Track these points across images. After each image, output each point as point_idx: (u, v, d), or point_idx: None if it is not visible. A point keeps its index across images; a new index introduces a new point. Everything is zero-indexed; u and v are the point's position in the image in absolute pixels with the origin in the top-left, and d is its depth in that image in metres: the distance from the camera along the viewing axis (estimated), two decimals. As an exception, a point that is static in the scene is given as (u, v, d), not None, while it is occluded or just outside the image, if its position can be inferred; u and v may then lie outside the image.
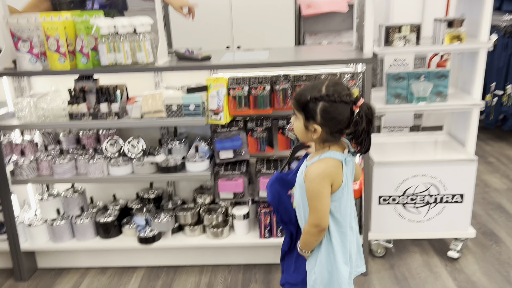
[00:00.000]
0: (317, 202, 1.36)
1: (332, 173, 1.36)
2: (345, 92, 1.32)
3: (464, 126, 2.32)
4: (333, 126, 1.33)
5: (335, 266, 1.44)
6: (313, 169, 1.36)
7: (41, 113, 2.08)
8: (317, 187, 1.35)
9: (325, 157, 1.36)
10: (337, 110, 1.31)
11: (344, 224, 1.44)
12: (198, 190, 2.44)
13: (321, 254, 1.45)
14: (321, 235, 1.42)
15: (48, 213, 2.31)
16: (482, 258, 2.34)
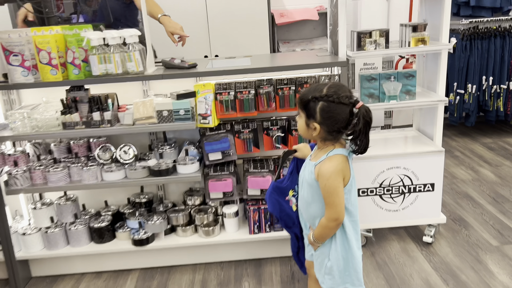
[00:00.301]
0: (334, 198, 1.48)
1: (343, 169, 1.48)
2: (345, 94, 1.43)
3: (431, 121, 2.54)
4: (331, 125, 1.45)
5: (350, 253, 1.58)
6: (326, 167, 1.47)
7: (35, 123, 2.15)
8: (333, 184, 1.46)
9: (333, 155, 1.48)
10: (335, 110, 1.43)
11: (355, 213, 1.57)
12: (187, 192, 2.55)
13: (336, 243, 1.58)
14: (338, 228, 1.55)
15: (42, 221, 2.37)
16: (453, 241, 2.55)
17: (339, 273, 1.61)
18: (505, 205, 2.94)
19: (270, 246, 2.46)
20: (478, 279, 2.20)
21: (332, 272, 1.62)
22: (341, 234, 1.58)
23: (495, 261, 2.34)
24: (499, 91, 4.07)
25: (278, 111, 2.26)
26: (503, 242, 2.51)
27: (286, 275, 2.34)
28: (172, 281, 2.36)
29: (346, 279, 1.62)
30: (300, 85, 2.21)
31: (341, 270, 1.61)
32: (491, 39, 3.96)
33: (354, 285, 1.62)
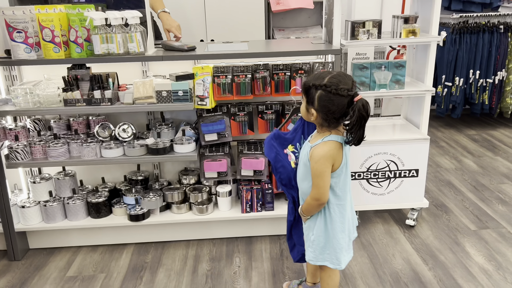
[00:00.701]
0: (319, 180, 1.59)
1: (334, 155, 1.58)
2: (344, 86, 1.48)
3: (418, 110, 2.65)
4: (327, 114, 1.53)
5: (332, 233, 1.70)
6: (318, 151, 1.58)
7: (36, 99, 2.21)
8: (320, 167, 1.57)
9: (328, 140, 1.58)
10: (332, 101, 1.49)
11: (343, 198, 1.68)
12: (183, 172, 2.64)
13: (320, 221, 1.70)
14: (320, 207, 1.67)
15: (40, 195, 2.44)
16: (435, 225, 2.69)
17: (319, 249, 1.74)
18: (484, 193, 3.09)
19: (261, 225, 2.57)
20: (456, 260, 2.34)
21: (313, 246, 1.75)
22: (327, 214, 1.69)
23: (472, 244, 2.48)
24: (485, 85, 4.21)
25: (273, 95, 2.35)
26: (481, 227, 2.66)
27: (275, 252, 2.46)
28: (166, 255, 2.46)
29: (325, 256, 1.74)
30: (295, 71, 2.30)
31: (321, 247, 1.73)
32: (480, 34, 4.08)
33: (333, 263, 1.75)
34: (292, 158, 1.79)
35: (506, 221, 2.71)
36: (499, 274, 2.22)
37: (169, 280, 2.25)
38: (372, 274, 2.25)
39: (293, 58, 2.41)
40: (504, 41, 4.10)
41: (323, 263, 1.76)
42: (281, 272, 2.28)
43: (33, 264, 2.42)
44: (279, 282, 2.20)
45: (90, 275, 2.30)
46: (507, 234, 2.57)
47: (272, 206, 2.49)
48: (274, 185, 2.52)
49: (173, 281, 2.24)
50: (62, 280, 2.27)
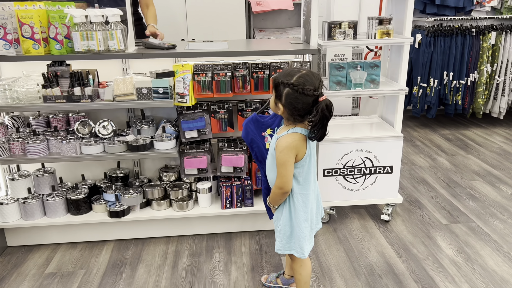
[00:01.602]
0: (282, 169, 1.67)
1: (297, 146, 1.65)
2: (310, 87, 1.56)
3: (393, 109, 2.75)
4: (292, 110, 1.61)
5: (295, 222, 1.77)
6: (282, 142, 1.66)
7: (15, 96, 2.21)
8: (284, 157, 1.65)
9: (293, 132, 1.66)
10: (298, 99, 1.58)
11: (306, 187, 1.75)
12: (163, 169, 2.67)
13: (286, 211, 1.78)
14: (284, 196, 1.74)
15: (19, 192, 2.43)
16: (408, 220, 2.79)
17: (286, 238, 1.82)
18: (456, 189, 3.21)
19: (241, 221, 2.62)
20: (427, 252, 2.44)
21: (280, 235, 1.83)
22: (290, 203, 1.77)
23: (444, 237, 2.59)
24: (458, 86, 4.36)
25: (252, 93, 2.40)
26: (452, 221, 2.77)
27: (255, 247, 2.51)
28: (146, 251, 2.48)
29: (292, 245, 1.82)
30: (274, 69, 2.35)
31: (287, 236, 1.81)
32: (453, 37, 4.23)
33: (297, 252, 1.82)
34: (268, 140, 1.88)
35: (476, 216, 2.82)
36: (468, 265, 2.32)
37: (149, 275, 2.27)
38: (348, 267, 2.32)
39: (272, 57, 2.47)
40: (476, 44, 4.26)
41: (290, 252, 1.83)
42: (260, 266, 2.33)
43: (11, 261, 2.40)
44: (258, 276, 2.25)
45: (70, 272, 2.31)
46: (477, 228, 2.68)
47: (251, 202, 2.54)
48: (254, 182, 2.57)
49: (153, 276, 2.26)
50: (41, 276, 2.27)
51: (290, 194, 1.75)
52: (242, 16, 4.17)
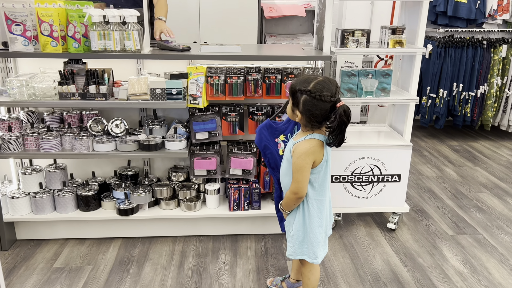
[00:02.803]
0: (298, 174, 1.67)
1: (315, 152, 1.66)
2: (327, 93, 1.57)
3: (402, 118, 2.76)
4: (309, 117, 1.62)
5: (309, 228, 1.78)
6: (300, 147, 1.66)
7: (32, 91, 2.25)
8: (301, 163, 1.66)
9: (310, 138, 1.67)
10: (316, 106, 1.59)
11: (322, 193, 1.76)
12: (172, 169, 2.70)
13: (299, 216, 1.78)
14: (298, 202, 1.75)
15: (31, 186, 2.47)
16: (414, 229, 2.80)
17: (298, 244, 1.82)
18: (463, 200, 3.21)
19: (247, 223, 2.64)
20: (433, 262, 2.44)
21: (292, 240, 1.83)
22: (305, 209, 1.77)
23: (449, 248, 2.59)
24: (468, 98, 4.36)
25: (264, 97, 2.43)
26: (458, 232, 2.77)
27: (260, 250, 2.52)
28: (152, 250, 2.51)
29: (304, 250, 1.82)
30: (286, 75, 2.38)
31: (300, 241, 1.81)
32: (464, 49, 4.24)
33: (310, 257, 1.83)
34: (281, 147, 1.89)
35: (482, 228, 2.82)
36: (473, 277, 2.32)
37: (155, 273, 2.30)
38: (353, 274, 2.33)
39: (284, 62, 2.50)
40: (487, 57, 4.27)
41: (302, 257, 1.83)
42: (265, 269, 2.34)
43: (20, 254, 2.44)
44: (263, 279, 2.26)
45: (77, 267, 2.33)
46: (483, 240, 2.68)
47: (259, 205, 2.56)
48: (262, 185, 2.59)
49: (159, 275, 2.28)
50: (49, 270, 2.30)
51: (305, 200, 1.75)
52: (255, 20, 4.20)
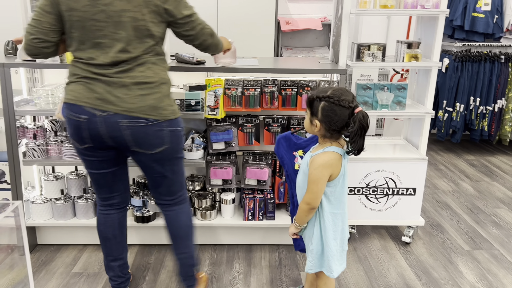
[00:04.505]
0: (314, 186, 1.68)
1: (333, 165, 1.67)
2: (346, 98, 1.60)
3: (418, 132, 2.77)
4: (329, 124, 1.63)
5: (324, 241, 1.78)
6: (318, 159, 1.67)
7: (57, 101, 2.34)
8: (318, 174, 1.66)
9: (328, 150, 1.67)
10: (334, 111, 1.60)
11: (337, 206, 1.76)
12: (188, 178, 2.75)
13: (317, 230, 1.79)
14: (311, 213, 1.75)
15: (52, 193, 2.54)
16: (430, 243, 2.78)
17: (317, 257, 1.81)
18: (479, 215, 3.18)
19: (261, 234, 2.66)
20: (448, 277, 2.42)
21: (312, 255, 1.82)
22: (321, 222, 1.77)
23: (465, 263, 2.57)
24: (485, 112, 4.33)
25: (280, 109, 2.47)
26: (474, 247, 2.74)
27: (274, 260, 2.54)
28: (168, 258, 2.55)
29: (322, 263, 1.81)
30: (302, 87, 2.42)
31: (319, 255, 1.81)
32: (481, 63, 4.22)
33: (326, 271, 1.82)
34: (298, 161, 1.90)
35: (499, 244, 2.79)
36: (489, 292, 2.30)
37: (171, 281, 2.33)
38: (367, 287, 2.33)
39: (300, 75, 2.54)
40: (504, 71, 4.24)
41: (320, 269, 1.83)
42: (279, 280, 2.36)
43: (40, 259, 2.51)
44: (277, 289, 2.28)
45: (95, 272, 2.39)
46: (500, 256, 2.65)
47: (273, 215, 2.58)
48: (276, 196, 2.62)
49: (174, 282, 2.32)
50: (68, 275, 2.36)
51: (321, 213, 1.75)
52: (272, 34, 4.27)
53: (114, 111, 1.69)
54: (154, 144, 1.77)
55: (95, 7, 1.63)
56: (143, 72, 1.71)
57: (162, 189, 1.94)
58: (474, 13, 4.30)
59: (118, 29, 1.65)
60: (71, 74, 1.75)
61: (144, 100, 1.71)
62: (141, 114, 1.70)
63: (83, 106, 1.69)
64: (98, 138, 1.74)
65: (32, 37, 1.66)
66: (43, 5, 1.66)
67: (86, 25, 1.65)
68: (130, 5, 1.64)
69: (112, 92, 1.68)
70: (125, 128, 1.71)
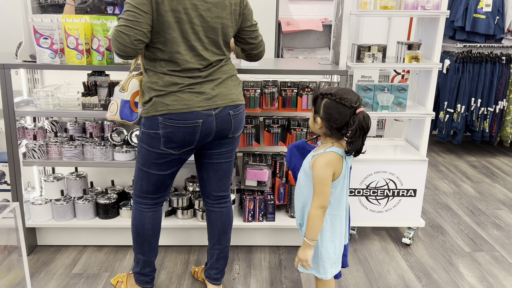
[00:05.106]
0: (323, 187, 1.66)
1: (334, 165, 1.66)
2: (348, 97, 1.60)
3: (419, 133, 2.76)
4: (330, 122, 1.63)
5: (320, 243, 1.76)
6: (320, 159, 1.67)
7: (57, 102, 2.34)
8: (323, 174, 1.65)
9: (330, 151, 1.67)
10: (336, 109, 1.60)
11: (336, 208, 1.75)
12: (189, 179, 2.75)
13: None
14: (324, 215, 1.71)
15: (52, 193, 2.54)
16: (430, 245, 2.77)
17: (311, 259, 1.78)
18: (480, 217, 3.17)
19: (262, 235, 2.66)
20: (449, 279, 2.42)
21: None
22: None
23: (466, 265, 2.56)
24: (486, 113, 4.32)
25: (280, 110, 2.47)
26: (475, 249, 2.73)
27: (274, 262, 2.54)
28: (168, 259, 2.55)
29: (314, 266, 1.79)
30: (302, 88, 2.42)
31: (315, 257, 1.78)
32: (482, 64, 4.22)
33: (319, 273, 1.81)
34: None
35: (500, 245, 2.78)
36: (490, 294, 2.29)
37: (170, 282, 2.33)
38: (367, 288, 2.32)
39: (300, 76, 2.54)
40: (506, 72, 4.24)
41: (311, 272, 1.82)
42: (279, 281, 2.36)
43: (40, 259, 2.51)
44: (277, 290, 2.28)
45: (95, 273, 2.39)
46: (500, 257, 2.64)
47: (273, 217, 2.58)
48: (277, 197, 2.61)
49: (174, 283, 2.32)
50: (68, 276, 2.36)
51: None
52: (272, 35, 4.27)
53: (223, 105, 1.85)
54: (240, 127, 1.99)
55: (196, 11, 1.74)
56: (228, 67, 1.91)
57: (225, 179, 2.09)
58: (475, 14, 4.29)
59: (211, 33, 1.80)
60: (166, 84, 1.79)
61: (237, 89, 1.93)
62: (239, 101, 1.92)
63: (197, 111, 1.80)
64: (207, 137, 1.88)
65: (133, 39, 1.69)
66: (140, 4, 1.68)
67: (184, 28, 1.75)
68: (225, 13, 1.81)
69: (216, 89, 1.84)
70: (234, 118, 1.91)
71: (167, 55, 1.77)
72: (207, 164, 2.04)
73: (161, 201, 2.07)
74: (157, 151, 1.87)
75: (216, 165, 2.04)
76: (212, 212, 2.14)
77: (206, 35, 1.79)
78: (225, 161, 2.04)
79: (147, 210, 2.04)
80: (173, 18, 1.72)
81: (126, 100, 1.92)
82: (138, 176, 1.98)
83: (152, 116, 1.81)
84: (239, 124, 1.96)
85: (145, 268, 2.12)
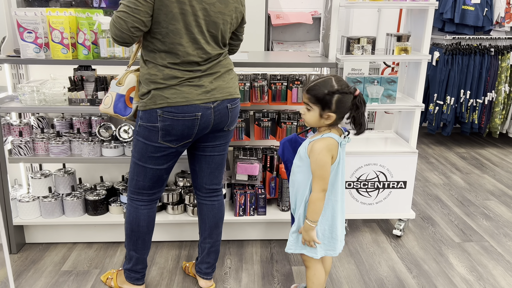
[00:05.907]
0: (323, 171, 1.70)
1: (332, 149, 1.71)
2: (347, 85, 1.70)
3: (408, 125, 2.77)
4: (342, 112, 1.71)
5: None
6: (318, 144, 1.71)
7: (42, 97, 2.30)
8: (324, 158, 1.69)
9: (328, 136, 1.72)
10: (347, 100, 1.69)
11: (328, 193, 1.77)
12: (179, 174, 2.72)
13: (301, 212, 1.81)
14: (325, 198, 1.76)
15: (40, 191, 2.51)
16: (420, 236, 2.79)
17: (296, 237, 1.85)
18: (470, 208, 3.19)
19: (253, 229, 2.65)
20: (439, 269, 2.43)
21: (293, 234, 1.86)
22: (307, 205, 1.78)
23: (456, 255, 2.58)
24: (475, 105, 4.35)
25: (270, 104, 2.45)
26: (465, 239, 2.76)
27: (266, 256, 2.53)
28: (159, 254, 2.53)
29: (302, 245, 1.84)
30: (291, 81, 2.40)
31: (297, 235, 1.84)
32: (471, 56, 4.23)
33: (309, 252, 1.85)
34: None
35: (489, 235, 2.81)
36: (479, 284, 2.31)
37: (161, 278, 2.32)
38: (358, 280, 2.33)
39: (290, 69, 2.52)
40: (494, 64, 4.26)
41: (301, 251, 1.85)
42: (271, 275, 2.35)
43: (29, 257, 2.47)
44: (268, 284, 2.27)
45: (85, 270, 2.36)
46: (490, 247, 2.67)
47: (264, 210, 2.57)
48: (268, 191, 2.61)
49: (165, 279, 2.30)
50: (57, 274, 2.33)
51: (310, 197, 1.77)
52: (262, 28, 4.24)
53: (222, 98, 1.85)
54: (236, 120, 2.01)
55: (200, 4, 1.73)
56: (226, 61, 1.92)
57: (217, 172, 2.08)
58: (464, 6, 4.30)
59: (212, 28, 1.80)
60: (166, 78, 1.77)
61: (234, 83, 1.94)
62: (236, 95, 1.94)
63: (197, 104, 1.79)
64: (204, 130, 1.88)
65: (130, 26, 1.68)
66: None
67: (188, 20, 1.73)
68: (227, 9, 1.81)
69: (214, 82, 1.84)
70: (231, 111, 1.92)
71: (167, 46, 1.75)
72: (200, 156, 2.03)
73: (156, 197, 2.06)
74: (155, 144, 1.85)
75: (209, 158, 2.03)
76: (204, 206, 2.13)
77: (207, 29, 1.79)
78: (218, 154, 2.04)
79: (143, 207, 2.02)
80: (178, 10, 1.70)
81: (121, 95, 1.90)
82: (133, 171, 1.96)
83: (151, 109, 1.79)
84: (235, 117, 1.98)
85: (137, 265, 2.11)
